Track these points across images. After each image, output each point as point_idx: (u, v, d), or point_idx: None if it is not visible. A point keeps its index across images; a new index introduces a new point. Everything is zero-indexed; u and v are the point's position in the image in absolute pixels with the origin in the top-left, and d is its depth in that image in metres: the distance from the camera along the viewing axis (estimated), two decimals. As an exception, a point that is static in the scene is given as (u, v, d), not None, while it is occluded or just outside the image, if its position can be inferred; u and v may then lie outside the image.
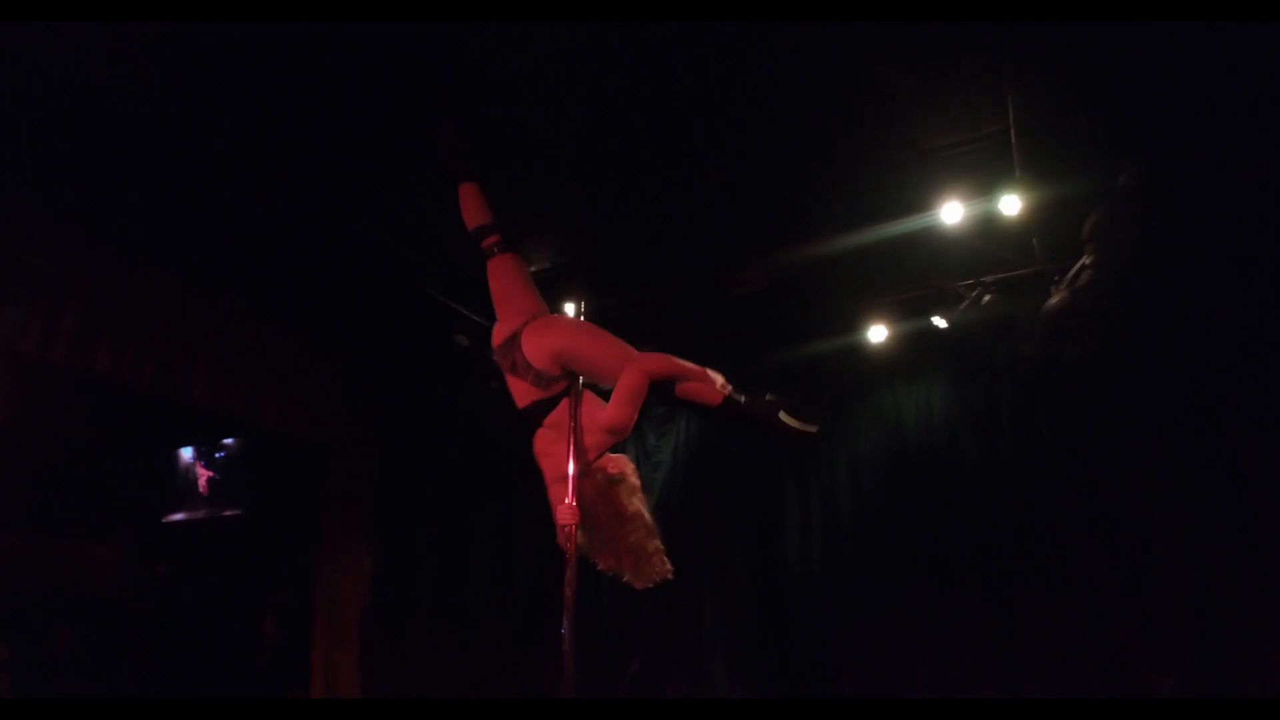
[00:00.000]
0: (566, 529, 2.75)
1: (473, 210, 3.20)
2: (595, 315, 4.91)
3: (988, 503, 5.57)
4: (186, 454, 9.05)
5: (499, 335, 3.06)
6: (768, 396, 2.90)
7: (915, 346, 5.89)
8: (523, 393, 2.96)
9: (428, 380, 7.33)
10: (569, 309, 5.27)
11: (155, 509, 9.01)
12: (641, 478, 6.81)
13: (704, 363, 3.02)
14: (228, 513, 8.70)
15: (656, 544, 2.95)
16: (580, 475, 2.82)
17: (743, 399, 2.89)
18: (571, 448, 2.82)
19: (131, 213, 5.32)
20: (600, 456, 2.91)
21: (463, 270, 5.73)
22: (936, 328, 5.65)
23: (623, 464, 3.00)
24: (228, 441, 8.76)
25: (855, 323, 5.87)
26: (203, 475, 8.90)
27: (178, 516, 9.02)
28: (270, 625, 7.86)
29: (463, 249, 5.42)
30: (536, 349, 2.92)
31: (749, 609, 6.14)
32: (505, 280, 3.15)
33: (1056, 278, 5.10)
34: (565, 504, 2.76)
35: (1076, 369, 5.39)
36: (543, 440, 2.93)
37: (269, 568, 8.21)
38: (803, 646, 5.91)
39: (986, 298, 5.33)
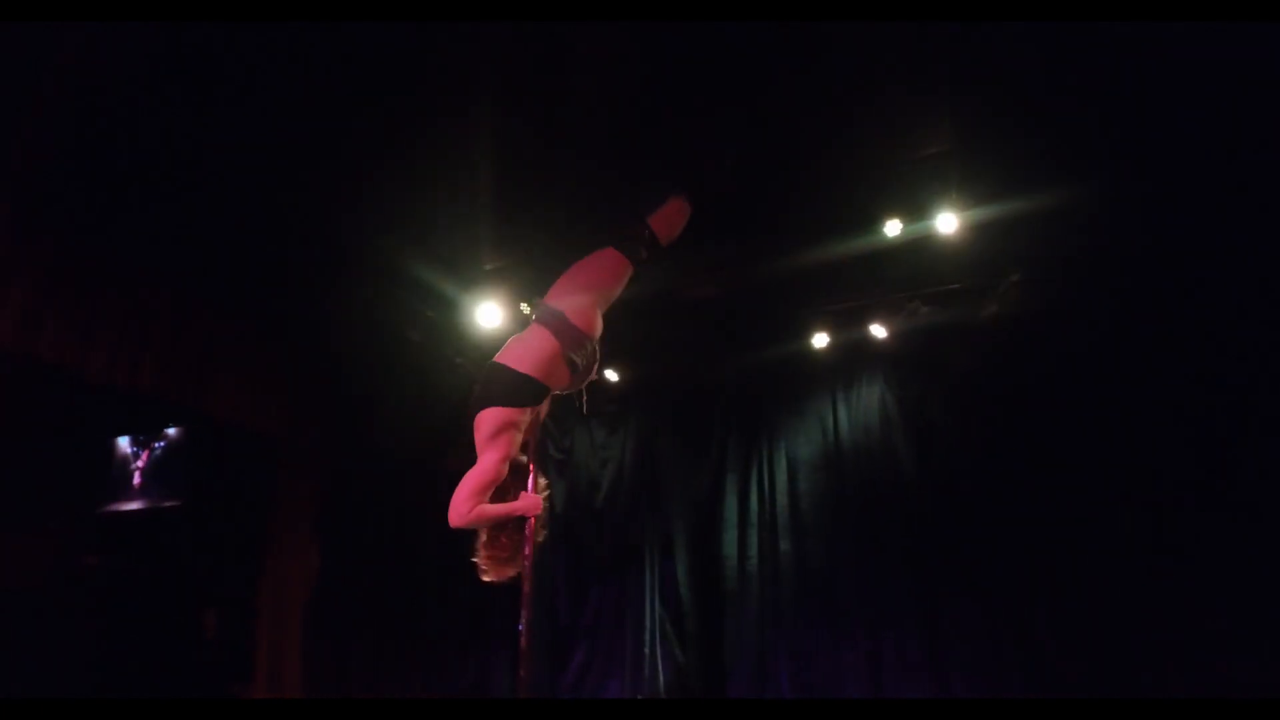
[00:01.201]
0: (540, 517, 2.89)
1: (671, 226, 3.22)
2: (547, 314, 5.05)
3: (918, 504, 5.87)
4: (124, 443, 8.88)
5: (599, 328, 3.09)
6: None
7: (854, 354, 6.15)
8: (564, 382, 3.02)
9: (379, 375, 7.35)
10: (524, 308, 5.46)
11: (89, 499, 8.82)
12: (589, 472, 7.03)
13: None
14: (167, 504, 8.56)
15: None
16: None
17: None
18: (534, 448, 2.97)
19: (82, 198, 5.28)
20: None
21: (416, 265, 5.86)
22: (875, 337, 5.93)
23: None
24: (169, 431, 8.62)
25: (799, 329, 6.11)
26: (140, 465, 8.74)
27: (113, 507, 8.84)
28: (211, 618, 7.77)
29: (418, 244, 5.62)
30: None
31: (690, 602, 6.33)
32: (617, 288, 3.16)
33: (988, 292, 5.42)
34: (535, 494, 2.90)
35: (1004, 379, 5.70)
36: (509, 416, 2.92)
37: (211, 560, 8.10)
38: (741, 638, 6.11)
39: (923, 309, 5.61)
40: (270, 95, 4.45)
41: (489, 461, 2.82)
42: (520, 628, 3.51)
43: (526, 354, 2.92)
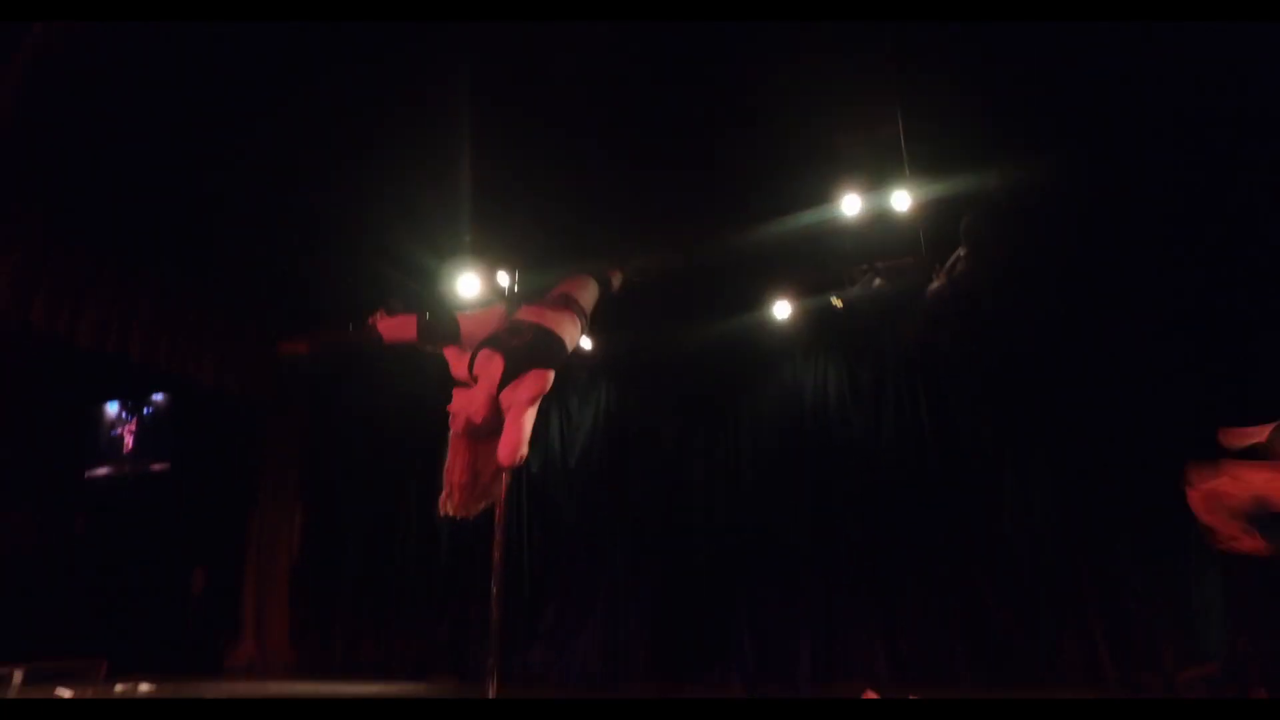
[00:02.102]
0: None
1: (616, 285, 3.86)
2: (527, 290, 5.37)
3: (870, 466, 6.24)
4: (112, 409, 9.08)
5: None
6: None
7: (813, 323, 6.49)
8: None
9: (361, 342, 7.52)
10: (502, 279, 5.76)
11: (77, 464, 9.02)
12: (562, 436, 7.31)
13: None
14: (155, 467, 8.79)
15: None
16: None
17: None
18: None
19: (73, 174, 5.46)
20: None
21: (398, 237, 6.09)
22: (834, 308, 6.25)
23: None
24: (156, 397, 8.83)
25: (761, 300, 6.43)
26: (130, 430, 8.95)
27: (103, 471, 9.05)
28: (200, 577, 8.03)
29: (396, 215, 5.85)
30: None
31: (657, 558, 6.67)
32: (592, 307, 3.65)
33: (937, 266, 5.75)
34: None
35: (950, 352, 6.05)
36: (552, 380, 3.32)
37: (198, 522, 8.33)
38: (706, 592, 6.46)
39: (876, 281, 5.93)
40: (257, 75, 4.65)
41: (533, 415, 3.08)
42: (494, 587, 3.83)
43: (572, 335, 3.30)
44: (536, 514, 7.07)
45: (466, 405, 3.14)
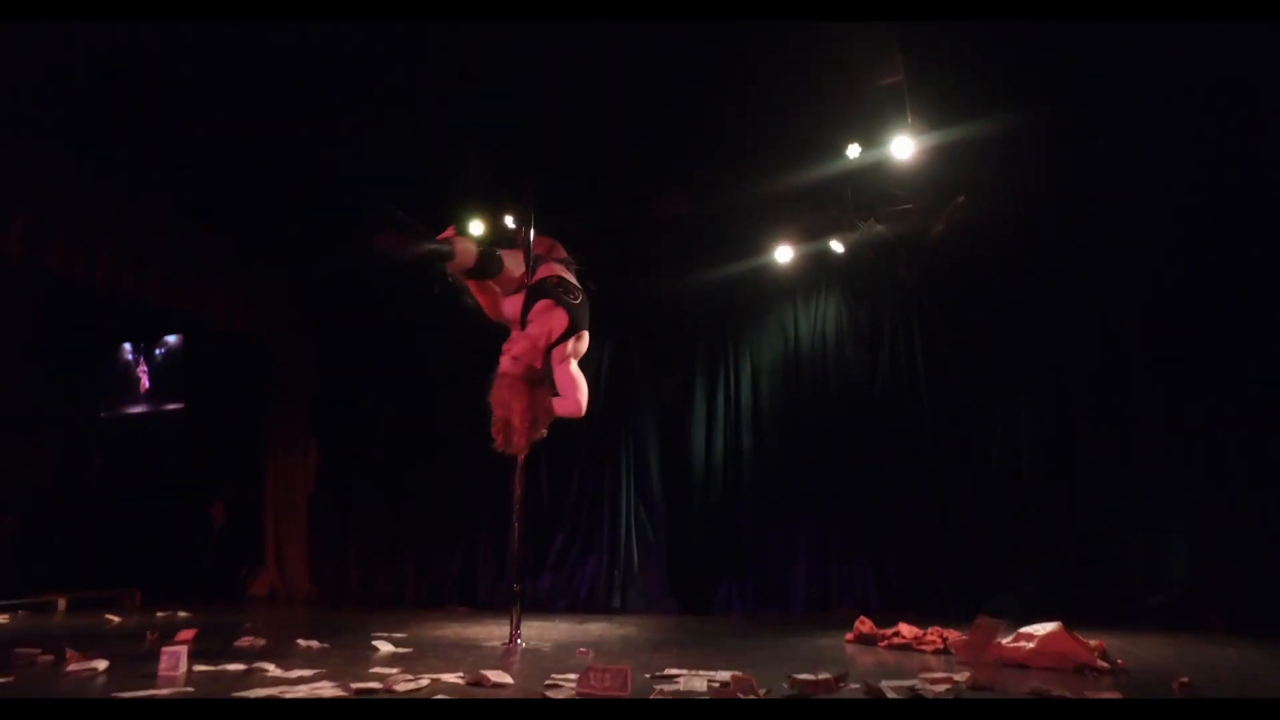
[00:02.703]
0: None
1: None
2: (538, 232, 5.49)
3: (866, 406, 6.47)
4: (125, 350, 9.26)
5: None
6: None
7: (814, 268, 6.63)
8: None
9: (368, 279, 7.62)
10: (508, 222, 5.87)
11: (93, 403, 9.24)
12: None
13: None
14: (169, 407, 9.02)
15: None
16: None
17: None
18: None
19: (83, 116, 5.51)
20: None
21: (404, 176, 6.16)
22: (833, 251, 6.39)
23: None
24: (169, 339, 8.99)
25: (763, 244, 6.56)
26: (145, 371, 9.14)
27: (118, 411, 9.28)
28: (219, 510, 8.33)
29: (404, 155, 5.91)
30: None
31: (661, 491, 6.96)
32: None
33: (937, 212, 5.87)
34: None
35: (947, 297, 6.21)
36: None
37: (216, 459, 8.59)
38: (706, 523, 6.77)
39: (877, 227, 6.06)
40: (253, 33, 4.69)
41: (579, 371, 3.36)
42: (515, 521, 4.04)
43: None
44: (544, 450, 7.30)
45: (529, 350, 3.22)
